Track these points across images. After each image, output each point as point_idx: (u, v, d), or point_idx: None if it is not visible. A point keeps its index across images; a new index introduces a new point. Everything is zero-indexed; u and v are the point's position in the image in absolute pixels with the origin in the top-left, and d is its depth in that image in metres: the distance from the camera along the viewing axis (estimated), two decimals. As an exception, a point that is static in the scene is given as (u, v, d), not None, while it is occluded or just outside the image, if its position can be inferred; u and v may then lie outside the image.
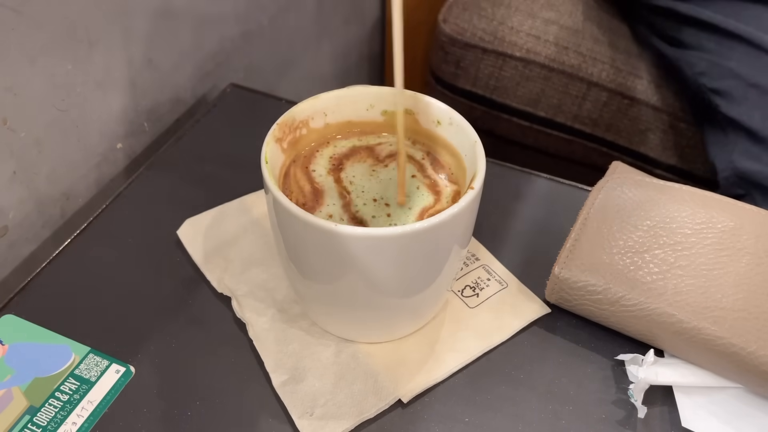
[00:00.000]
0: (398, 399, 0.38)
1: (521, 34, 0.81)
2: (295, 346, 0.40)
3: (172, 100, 0.59)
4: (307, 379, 0.38)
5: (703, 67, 0.69)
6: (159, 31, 0.54)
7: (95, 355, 0.39)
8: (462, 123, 0.38)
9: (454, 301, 0.43)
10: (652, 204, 0.42)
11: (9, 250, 0.47)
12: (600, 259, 0.40)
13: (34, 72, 0.44)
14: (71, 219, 0.52)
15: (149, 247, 0.46)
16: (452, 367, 0.39)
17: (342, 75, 0.93)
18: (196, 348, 0.40)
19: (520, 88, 0.83)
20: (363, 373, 0.39)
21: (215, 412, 0.37)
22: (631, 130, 0.80)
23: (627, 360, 0.39)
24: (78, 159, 0.51)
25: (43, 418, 0.36)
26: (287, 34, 0.75)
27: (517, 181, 0.52)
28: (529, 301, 0.43)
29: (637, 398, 0.38)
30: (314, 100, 0.40)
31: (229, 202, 0.48)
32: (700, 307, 0.38)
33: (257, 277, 0.44)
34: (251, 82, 0.69)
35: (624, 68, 0.79)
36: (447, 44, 0.84)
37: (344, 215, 0.36)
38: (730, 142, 0.68)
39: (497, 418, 0.38)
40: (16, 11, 0.42)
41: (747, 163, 0.65)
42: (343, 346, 0.40)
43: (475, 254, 0.46)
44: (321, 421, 0.36)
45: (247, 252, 0.45)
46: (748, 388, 0.39)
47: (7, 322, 0.41)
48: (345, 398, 0.38)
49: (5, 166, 0.45)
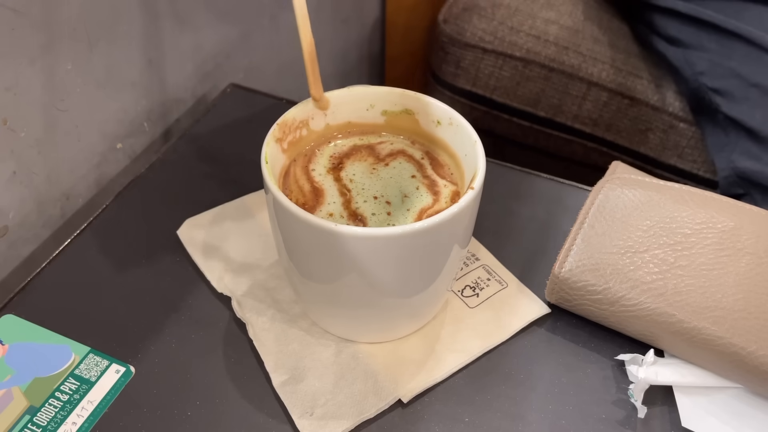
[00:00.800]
0: (398, 399, 0.38)
1: (521, 34, 0.81)
2: (295, 346, 0.40)
3: (172, 100, 0.59)
4: (307, 379, 0.38)
5: (704, 67, 0.69)
6: (159, 31, 0.54)
7: (95, 355, 0.39)
8: (462, 123, 0.38)
9: (454, 301, 0.43)
10: (652, 204, 0.42)
11: (9, 250, 0.47)
12: (600, 259, 0.40)
13: (34, 72, 0.44)
14: (71, 219, 0.52)
15: (149, 247, 0.46)
16: (452, 367, 0.39)
17: (342, 75, 0.93)
18: (196, 348, 0.40)
19: (520, 88, 0.83)
20: (363, 373, 0.39)
21: (215, 412, 0.37)
22: (632, 130, 0.80)
23: (627, 360, 0.39)
24: (78, 159, 0.51)
25: (43, 418, 0.36)
26: (287, 34, 0.75)
27: (517, 181, 0.52)
28: (529, 301, 0.43)
29: (637, 398, 0.38)
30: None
31: (229, 202, 0.48)
32: (700, 307, 0.38)
33: (257, 277, 0.44)
34: (251, 82, 0.69)
35: (624, 68, 0.79)
36: (447, 44, 0.84)
37: (344, 213, 0.37)
38: (730, 141, 0.68)
39: (497, 418, 0.38)
40: (16, 11, 0.42)
41: (747, 162, 0.65)
42: (343, 346, 0.40)
43: (475, 254, 0.46)
44: (321, 421, 0.36)
45: (247, 252, 0.45)
46: (747, 388, 0.39)
47: (7, 322, 0.41)
48: (345, 398, 0.38)
49: (5, 166, 0.45)
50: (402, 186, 0.38)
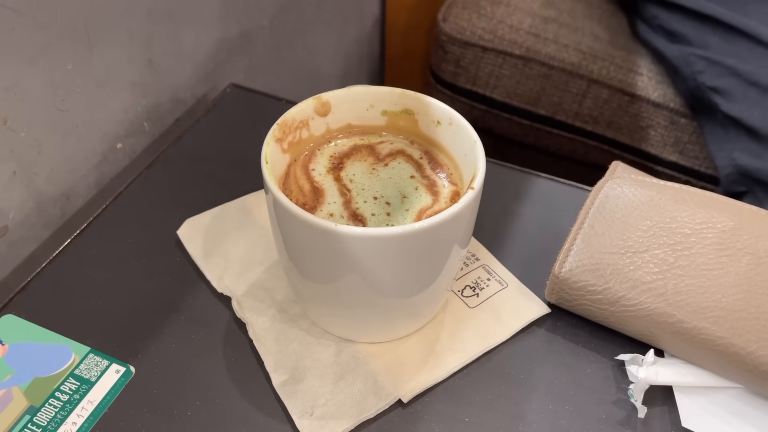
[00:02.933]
0: (398, 399, 0.38)
1: (521, 32, 0.81)
2: (295, 346, 0.40)
3: (172, 100, 0.59)
4: (307, 379, 0.38)
5: (702, 66, 0.69)
6: (159, 31, 0.54)
7: (95, 355, 0.39)
8: (462, 123, 0.38)
9: (454, 301, 0.43)
10: (652, 204, 0.42)
11: (9, 250, 0.47)
12: (600, 259, 0.40)
13: (34, 72, 0.44)
14: (71, 219, 0.52)
15: (149, 247, 0.46)
16: (452, 367, 0.39)
17: (342, 75, 0.93)
18: (196, 348, 0.40)
19: (520, 86, 0.83)
20: (363, 373, 0.39)
21: (215, 412, 0.37)
22: (632, 126, 0.80)
23: (627, 360, 0.39)
24: (78, 159, 0.51)
25: (43, 418, 0.36)
26: (287, 34, 0.75)
27: (517, 181, 0.52)
28: (529, 301, 0.43)
29: (637, 398, 0.38)
30: (314, 100, 0.40)
31: (229, 202, 0.48)
32: (700, 307, 0.38)
33: (257, 277, 0.44)
34: (251, 82, 0.69)
35: (624, 65, 0.79)
36: (447, 43, 0.84)
37: (344, 213, 0.37)
38: (730, 139, 0.68)
39: (497, 418, 0.38)
40: (16, 11, 0.42)
41: (748, 160, 0.65)
42: (343, 346, 0.40)
43: (475, 254, 0.46)
44: (321, 421, 0.36)
45: (246, 252, 0.45)
46: (747, 388, 0.39)
47: (7, 322, 0.41)
48: (345, 398, 0.38)
49: (5, 166, 0.45)
50: (401, 186, 0.38)
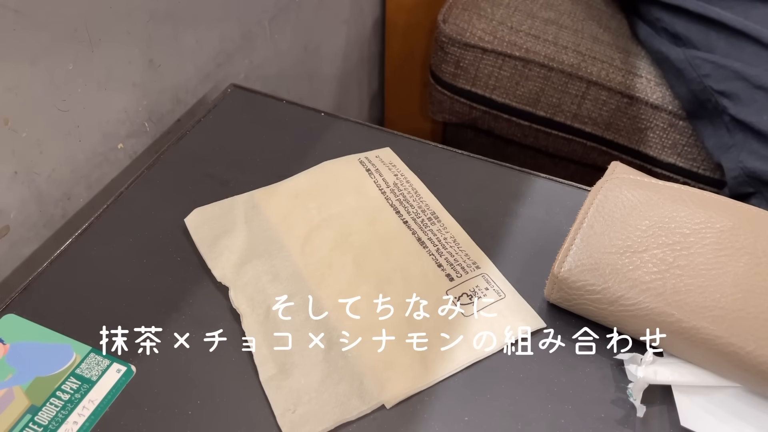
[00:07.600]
0: (382, 404, 0.38)
1: (521, 33, 0.82)
2: (285, 341, 0.40)
3: (172, 100, 0.59)
4: (294, 376, 0.38)
5: (708, 69, 0.69)
6: (160, 31, 0.54)
7: (96, 355, 0.39)
8: None
9: (450, 308, 0.43)
10: (651, 204, 0.42)
11: (10, 250, 0.47)
12: (599, 258, 0.40)
13: (35, 72, 0.45)
14: (72, 219, 0.52)
15: (150, 247, 0.46)
16: (439, 375, 0.39)
17: (342, 75, 0.93)
18: (196, 348, 0.40)
19: (519, 87, 0.83)
20: (350, 373, 0.39)
21: (216, 411, 0.37)
22: (631, 128, 0.80)
23: (626, 359, 0.39)
24: (79, 159, 0.51)
25: (44, 418, 0.36)
26: (287, 34, 0.75)
27: (516, 181, 0.52)
28: (525, 314, 0.42)
29: (636, 397, 0.38)
30: None
31: (237, 196, 0.49)
32: (699, 306, 0.38)
33: (256, 270, 0.44)
34: (252, 82, 0.69)
35: (623, 67, 0.79)
36: (447, 44, 0.84)
37: None
38: (736, 142, 0.68)
39: (497, 417, 0.38)
40: (16, 11, 0.42)
41: (756, 163, 0.65)
42: (334, 344, 0.40)
43: (476, 262, 0.46)
44: (302, 419, 0.37)
45: (250, 244, 0.45)
46: (746, 387, 0.39)
47: (9, 322, 0.41)
48: (329, 397, 0.38)
49: (7, 167, 0.45)
50: None
